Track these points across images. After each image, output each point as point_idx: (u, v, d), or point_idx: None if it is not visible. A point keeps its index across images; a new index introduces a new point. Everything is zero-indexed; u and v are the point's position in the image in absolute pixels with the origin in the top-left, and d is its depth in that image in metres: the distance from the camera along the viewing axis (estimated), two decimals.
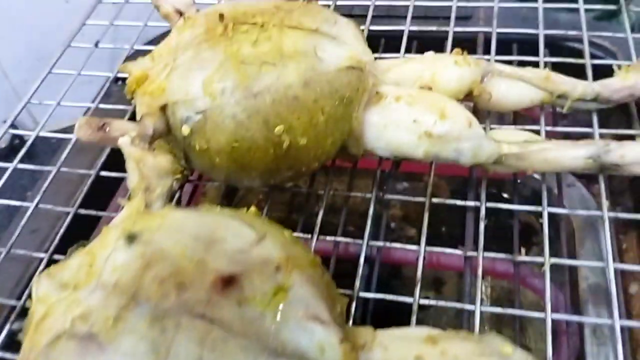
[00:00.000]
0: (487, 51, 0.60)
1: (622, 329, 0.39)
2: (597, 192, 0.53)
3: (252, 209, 0.39)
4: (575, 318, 0.42)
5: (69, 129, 0.60)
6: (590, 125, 0.51)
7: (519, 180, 0.56)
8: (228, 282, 0.32)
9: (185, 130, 0.44)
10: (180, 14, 0.55)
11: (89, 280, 0.34)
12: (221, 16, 0.45)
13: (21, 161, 0.56)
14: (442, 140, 0.45)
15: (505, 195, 0.59)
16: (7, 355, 0.42)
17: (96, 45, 0.67)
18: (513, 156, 0.46)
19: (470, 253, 0.44)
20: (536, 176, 0.49)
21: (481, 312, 0.40)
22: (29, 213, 0.51)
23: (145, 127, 0.42)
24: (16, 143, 0.73)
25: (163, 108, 0.44)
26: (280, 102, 0.43)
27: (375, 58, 0.50)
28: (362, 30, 0.52)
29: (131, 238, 0.35)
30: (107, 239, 0.36)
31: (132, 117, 0.56)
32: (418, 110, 0.46)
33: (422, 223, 0.46)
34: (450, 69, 0.49)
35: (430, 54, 0.51)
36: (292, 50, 0.44)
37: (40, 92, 0.63)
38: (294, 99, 0.43)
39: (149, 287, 0.32)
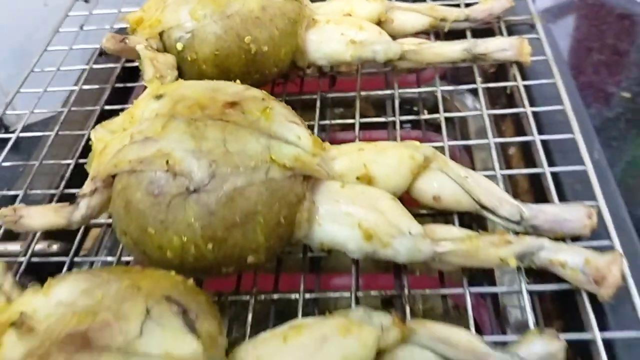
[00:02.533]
0: None
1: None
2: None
3: None
4: None
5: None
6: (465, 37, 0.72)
7: (423, 96, 0.75)
8: (233, 104, 0.48)
9: (179, 46, 0.60)
10: None
11: (134, 123, 0.50)
12: None
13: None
14: (362, 44, 0.64)
15: (414, 108, 0.78)
16: None
17: (81, 27, 0.83)
18: (412, 52, 0.65)
19: (391, 118, 0.63)
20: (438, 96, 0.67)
21: None
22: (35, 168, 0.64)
23: (151, 43, 0.59)
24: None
25: (160, 34, 0.61)
26: (246, 21, 0.61)
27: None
28: None
29: (159, 96, 0.51)
30: (140, 103, 0.52)
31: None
32: (343, 27, 0.65)
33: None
34: (363, 4, 0.69)
35: None
36: None
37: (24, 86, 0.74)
38: (256, 19, 0.61)
39: (181, 111, 0.48)
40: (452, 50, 0.66)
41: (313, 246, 0.49)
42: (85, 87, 0.73)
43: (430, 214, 0.54)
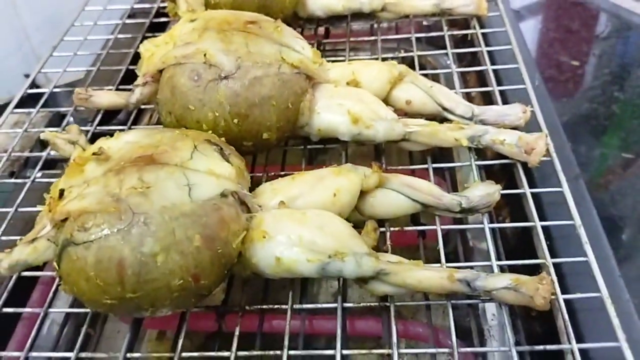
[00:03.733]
0: None
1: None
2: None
3: None
4: None
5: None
6: None
7: (401, 46, 0.91)
8: (252, 22, 0.63)
9: None
10: None
11: (174, 39, 0.64)
12: None
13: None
14: None
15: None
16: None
17: None
18: (392, 4, 0.81)
19: (375, 56, 0.78)
20: (412, 41, 0.82)
21: None
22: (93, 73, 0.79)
23: None
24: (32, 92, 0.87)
25: None
26: None
27: None
28: None
29: (193, 20, 0.66)
30: (177, 26, 0.66)
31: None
32: None
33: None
34: None
35: None
36: None
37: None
38: None
39: (213, 25, 0.62)
40: (424, 4, 0.81)
41: (312, 133, 0.63)
42: (120, 36, 0.88)
43: None
